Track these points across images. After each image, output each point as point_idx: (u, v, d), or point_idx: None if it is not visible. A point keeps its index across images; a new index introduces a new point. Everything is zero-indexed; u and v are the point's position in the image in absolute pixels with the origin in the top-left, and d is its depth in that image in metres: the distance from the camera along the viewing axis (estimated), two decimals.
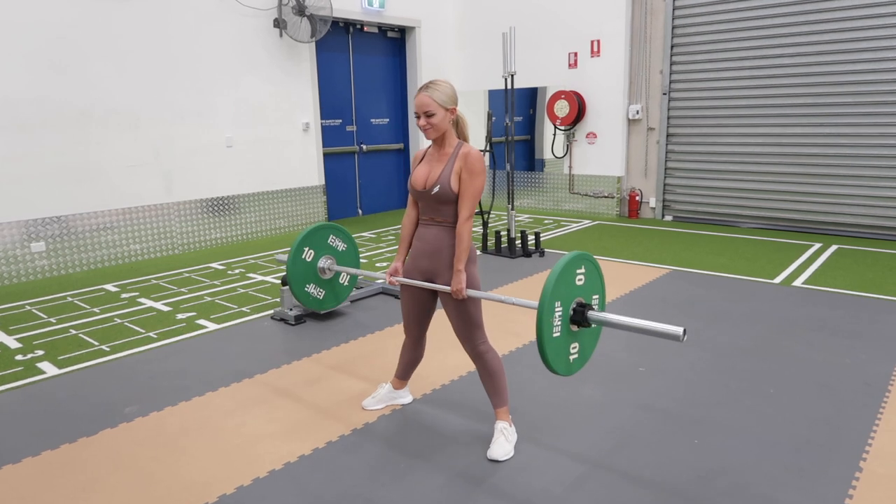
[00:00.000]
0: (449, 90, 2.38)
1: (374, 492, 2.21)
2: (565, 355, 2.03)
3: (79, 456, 2.48)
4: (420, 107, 2.36)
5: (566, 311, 2.00)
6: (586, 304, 2.06)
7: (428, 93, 2.35)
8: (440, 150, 2.45)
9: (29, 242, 5.23)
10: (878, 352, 3.35)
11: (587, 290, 2.10)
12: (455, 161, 2.39)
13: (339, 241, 2.93)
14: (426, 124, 2.37)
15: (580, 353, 2.11)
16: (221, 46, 6.30)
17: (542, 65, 8.01)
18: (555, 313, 1.95)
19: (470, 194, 2.37)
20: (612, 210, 7.81)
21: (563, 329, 2.00)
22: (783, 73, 6.52)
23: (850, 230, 6.41)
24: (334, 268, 2.87)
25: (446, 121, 2.39)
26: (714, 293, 4.47)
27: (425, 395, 2.96)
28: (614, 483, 2.24)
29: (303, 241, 2.78)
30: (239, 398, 2.96)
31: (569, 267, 2.02)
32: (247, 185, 6.72)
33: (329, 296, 2.89)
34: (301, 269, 2.77)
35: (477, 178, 2.37)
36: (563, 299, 1.98)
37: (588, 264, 2.11)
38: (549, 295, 1.93)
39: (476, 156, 2.37)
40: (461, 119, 2.48)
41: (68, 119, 5.34)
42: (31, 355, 3.55)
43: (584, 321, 2.04)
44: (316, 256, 2.83)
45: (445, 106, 2.36)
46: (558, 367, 2.02)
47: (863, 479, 2.22)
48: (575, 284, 2.04)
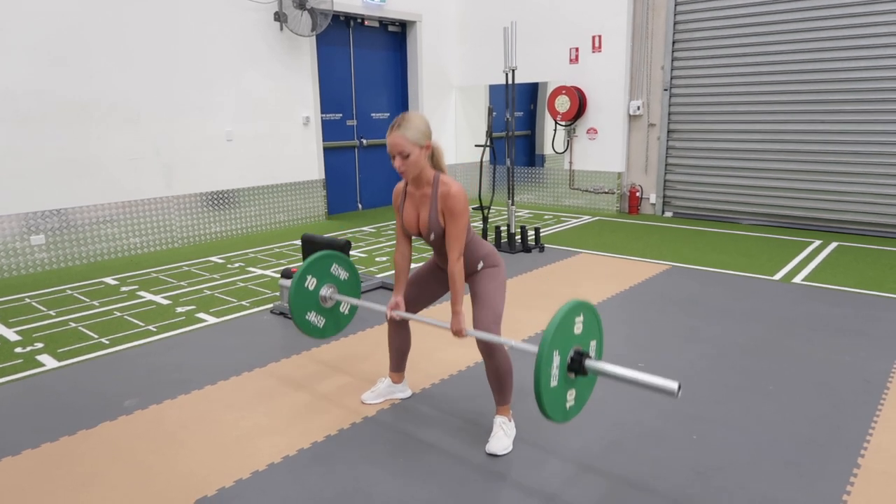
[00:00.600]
0: (422, 126, 2.29)
1: (372, 486, 2.21)
2: (562, 403, 2.06)
3: (78, 448, 2.48)
4: (393, 147, 2.27)
5: (564, 359, 2.02)
6: (584, 353, 2.08)
7: (400, 132, 2.25)
8: (419, 189, 2.39)
9: (29, 235, 5.23)
10: (877, 349, 3.36)
11: (585, 337, 2.14)
12: (437, 201, 2.34)
13: (341, 270, 2.95)
14: (402, 165, 2.29)
15: (577, 399, 2.14)
16: (222, 40, 6.28)
17: (543, 60, 7.99)
18: (553, 363, 1.98)
19: (454, 237, 2.33)
20: (612, 206, 7.81)
21: (561, 377, 2.03)
22: (784, 69, 6.51)
23: (850, 227, 6.41)
24: (335, 297, 2.89)
25: (422, 158, 2.31)
26: (714, 290, 4.47)
27: (424, 389, 2.96)
28: (612, 479, 2.24)
29: (306, 270, 2.80)
30: (238, 392, 2.97)
31: (568, 316, 2.04)
32: (247, 179, 6.72)
33: (329, 324, 2.92)
34: (303, 297, 2.80)
35: (459, 220, 2.31)
36: (560, 348, 2.01)
37: (587, 312, 2.13)
38: (548, 345, 1.95)
39: (455, 195, 2.30)
40: (436, 150, 2.41)
41: (69, 112, 5.33)
42: (31, 348, 3.55)
43: (582, 370, 2.06)
44: (318, 285, 2.86)
45: (419, 143, 2.27)
46: (555, 416, 2.04)
47: (861, 476, 2.23)
48: (573, 333, 2.07)
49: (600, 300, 4.27)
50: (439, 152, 2.42)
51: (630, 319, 3.92)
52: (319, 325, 2.88)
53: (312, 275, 2.83)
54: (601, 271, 5.04)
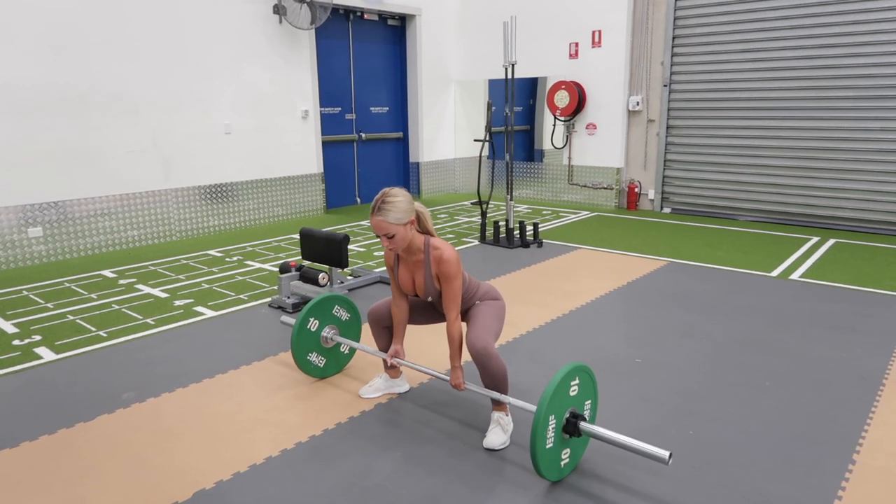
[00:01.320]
0: (402, 205, 2.33)
1: (369, 479, 2.22)
2: (557, 462, 2.14)
3: (76, 441, 2.49)
4: (377, 230, 2.35)
5: (559, 421, 2.10)
6: (578, 415, 2.15)
7: (381, 216, 2.31)
8: (411, 256, 2.47)
9: (26, 227, 5.21)
10: (873, 346, 3.37)
11: (580, 399, 2.21)
12: (431, 267, 2.43)
13: (343, 311, 3.02)
14: (389, 244, 2.37)
15: (570, 458, 2.21)
16: (221, 33, 6.26)
17: (542, 55, 7.97)
18: (549, 426, 2.05)
19: (450, 298, 2.41)
20: (610, 201, 7.81)
21: (556, 439, 2.10)
22: (784, 66, 6.50)
23: (848, 224, 6.42)
24: (336, 338, 2.95)
25: (408, 233, 2.38)
26: (711, 286, 4.48)
27: (422, 383, 2.96)
28: (609, 474, 2.25)
29: (309, 312, 2.85)
30: (236, 385, 2.97)
31: (564, 381, 2.11)
32: (245, 173, 6.70)
33: (330, 364, 3.00)
34: (305, 337, 2.85)
35: (454, 282, 2.39)
36: (556, 412, 2.08)
37: (583, 375, 2.21)
38: (545, 410, 2.02)
39: (448, 259, 2.37)
40: (421, 216, 2.46)
41: (67, 104, 5.31)
42: (29, 340, 3.55)
43: (576, 432, 2.13)
44: (320, 326, 2.91)
45: (402, 223, 2.33)
46: (549, 475, 2.11)
47: (856, 472, 2.24)
48: (568, 395, 2.14)
49: (598, 296, 4.27)
50: (424, 217, 2.48)
51: (628, 315, 3.93)
52: (320, 366, 2.97)
53: (315, 317, 2.89)
54: (599, 267, 5.04)
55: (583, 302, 4.15)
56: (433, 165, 8.85)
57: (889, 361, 3.17)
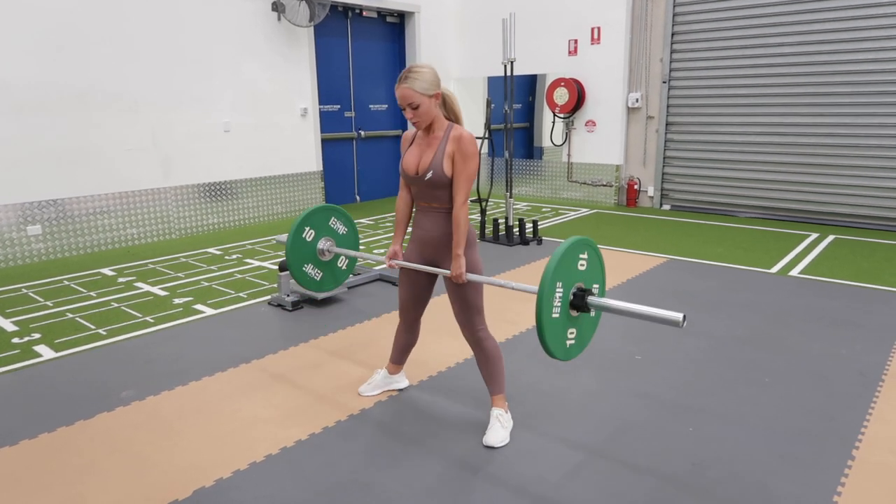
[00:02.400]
0: (429, 75, 2.29)
1: (370, 477, 2.22)
2: (563, 339, 2.02)
3: (76, 439, 2.49)
4: (403, 100, 2.29)
5: (566, 294, 1.99)
6: (586, 290, 2.06)
7: (408, 84, 2.27)
8: (430, 134, 2.40)
9: (25, 226, 5.21)
10: (873, 342, 3.37)
11: (588, 277, 2.10)
12: (447, 144, 2.34)
13: (340, 224, 2.91)
14: (413, 116, 2.31)
15: (577, 339, 2.10)
16: (220, 30, 6.25)
17: (541, 52, 7.96)
18: (555, 294, 1.94)
19: (464, 178, 2.33)
20: (610, 198, 7.81)
21: (563, 312, 1.99)
22: (783, 62, 6.50)
23: (847, 220, 6.42)
24: (333, 249, 2.86)
25: (433, 107, 2.33)
26: (711, 282, 4.48)
27: (421, 381, 2.96)
28: (609, 471, 2.25)
29: (304, 221, 2.76)
30: (236, 383, 2.97)
31: (572, 249, 2.01)
32: (244, 171, 6.70)
33: (327, 278, 2.88)
34: (300, 248, 2.76)
35: (471, 162, 2.33)
36: (564, 281, 1.97)
37: (591, 251, 2.10)
38: (552, 274, 1.92)
39: (468, 138, 2.33)
40: (448, 97, 2.41)
41: (66, 102, 5.30)
42: (28, 338, 3.55)
43: (584, 306, 2.03)
44: (316, 237, 2.82)
45: (428, 93, 2.29)
46: (555, 350, 2.00)
47: (855, 468, 2.24)
48: (577, 269, 2.04)
49: None
50: (451, 99, 2.43)
51: None
52: (316, 278, 2.86)
53: (310, 226, 2.80)
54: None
55: None
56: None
57: (888, 357, 3.17)
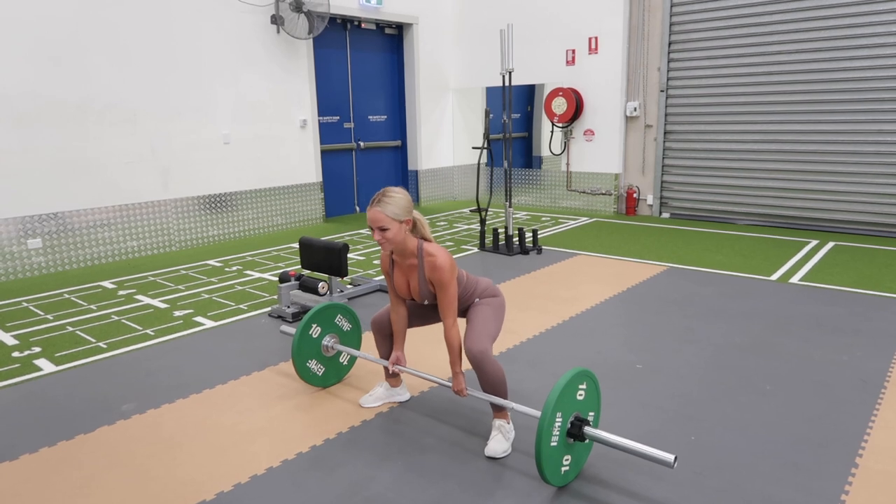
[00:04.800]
0: (402, 202, 2.35)
1: (371, 488, 2.21)
2: (559, 466, 2.12)
3: (76, 453, 2.48)
4: (373, 222, 2.35)
5: (564, 423, 2.10)
6: (583, 419, 2.14)
7: (380, 207, 2.32)
8: (405, 260, 2.47)
9: (25, 239, 5.21)
10: (874, 348, 3.36)
11: (585, 406, 2.20)
12: (424, 270, 2.42)
13: (345, 322, 3.03)
14: (381, 238, 2.36)
15: (572, 465, 2.20)
16: (219, 42, 6.28)
17: (539, 62, 8.00)
18: (555, 424, 2.04)
19: (447, 304, 2.41)
20: (609, 207, 7.82)
21: (560, 440, 2.09)
22: (781, 70, 6.53)
23: (847, 227, 6.43)
24: (337, 346, 2.95)
25: (401, 233, 2.37)
26: (711, 290, 4.48)
27: (422, 392, 2.96)
28: (611, 481, 2.24)
29: (312, 319, 2.86)
30: (237, 396, 2.96)
31: (573, 381, 2.11)
32: (244, 182, 6.71)
33: (329, 373, 3.00)
34: (306, 344, 2.85)
35: (448, 289, 2.39)
36: (563, 411, 2.08)
37: (590, 382, 2.21)
38: (553, 406, 2.02)
39: (441, 266, 2.36)
40: (418, 222, 2.47)
41: (65, 114, 5.33)
42: (28, 352, 3.54)
43: (580, 435, 2.12)
44: (322, 334, 2.91)
45: (398, 219, 2.34)
46: (551, 476, 2.08)
47: (859, 476, 2.23)
48: (576, 399, 2.14)
49: (598, 302, 4.27)
50: (420, 223, 2.48)
51: (628, 321, 3.92)
52: (319, 374, 2.96)
53: (317, 323, 2.89)
54: (599, 273, 5.04)
55: (583, 308, 4.14)
56: (432, 173, 8.86)
57: (890, 364, 3.17)
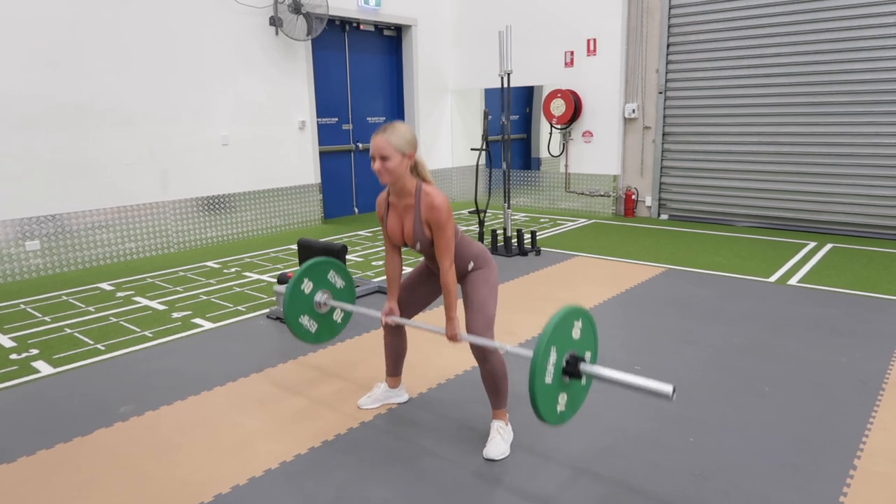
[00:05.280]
0: (407, 134, 2.32)
1: (369, 491, 2.21)
2: (554, 404, 2.07)
3: (74, 455, 2.47)
4: (375, 150, 2.30)
5: (560, 360, 2.04)
6: (579, 357, 2.10)
7: (385, 135, 2.28)
8: (402, 200, 2.42)
9: (23, 241, 5.21)
10: (872, 350, 3.37)
11: (581, 345, 2.15)
12: (420, 211, 2.36)
13: (338, 278, 2.97)
14: (381, 168, 2.31)
15: (568, 405, 2.14)
16: (217, 44, 6.28)
17: (538, 64, 8.01)
18: (549, 359, 1.99)
19: (443, 245, 2.34)
20: (608, 209, 7.83)
21: (555, 377, 2.04)
22: (779, 72, 6.54)
23: (845, 229, 6.44)
24: (330, 302, 2.91)
25: (402, 166, 2.33)
26: (709, 292, 4.48)
27: (421, 393, 2.96)
28: (609, 483, 2.24)
29: (304, 274, 2.82)
30: (235, 397, 2.96)
31: (568, 317, 2.06)
32: (243, 184, 6.71)
33: (323, 330, 2.94)
34: (298, 300, 2.81)
35: (446, 230, 2.33)
36: (558, 346, 2.02)
37: (585, 320, 2.16)
38: (547, 341, 1.96)
39: (438, 207, 2.31)
40: (419, 163, 2.43)
41: (63, 116, 5.32)
42: (26, 354, 3.54)
43: (577, 373, 2.07)
44: (314, 289, 2.87)
45: (403, 151, 2.30)
46: (547, 414, 2.04)
47: (857, 477, 2.23)
48: (571, 336, 2.08)
49: (597, 303, 4.27)
50: (422, 165, 2.44)
51: (626, 322, 3.92)
52: (311, 330, 2.89)
53: (309, 279, 2.84)
54: (597, 274, 5.05)
55: None
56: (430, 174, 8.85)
57: (889, 365, 3.17)
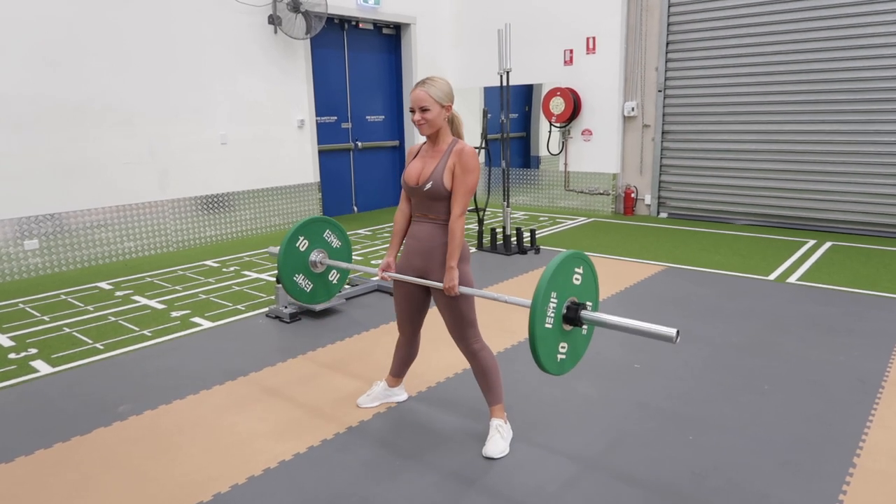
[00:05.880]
0: (445, 87, 2.37)
1: (369, 489, 2.21)
2: (554, 352, 2.01)
3: (73, 455, 2.47)
4: (415, 101, 2.35)
5: (560, 307, 1.99)
6: (580, 304, 2.05)
7: (424, 88, 2.34)
8: (434, 147, 2.44)
9: (22, 240, 5.20)
10: (871, 348, 3.37)
11: (582, 292, 2.10)
12: (449, 157, 2.38)
13: (334, 238, 2.92)
14: (421, 119, 2.36)
15: (569, 353, 2.09)
16: (216, 43, 6.27)
17: (537, 62, 8.00)
18: (549, 304, 1.93)
19: (463, 191, 2.36)
20: (607, 207, 7.82)
21: (556, 324, 1.98)
22: (778, 70, 6.54)
23: (844, 227, 6.44)
24: (326, 262, 2.86)
25: (441, 117, 2.37)
26: (709, 290, 4.48)
27: (420, 392, 2.95)
28: (609, 481, 2.24)
29: (298, 230, 2.77)
30: (234, 396, 2.96)
31: (568, 261, 2.01)
32: (242, 183, 6.70)
33: (318, 290, 2.87)
34: (293, 257, 2.76)
35: (471, 175, 2.36)
36: (558, 293, 1.97)
37: (586, 266, 2.11)
38: (547, 283, 1.92)
39: (470, 152, 2.37)
40: (456, 117, 2.47)
41: (63, 115, 5.31)
42: (25, 354, 3.53)
43: (577, 320, 2.03)
44: (309, 248, 2.82)
45: (441, 102, 2.35)
46: (547, 362, 1.99)
47: (856, 476, 2.23)
48: (571, 283, 2.03)
49: None
50: (459, 120, 2.49)
51: None
52: (307, 290, 2.85)
53: (304, 236, 2.80)
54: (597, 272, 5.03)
55: None
56: None
57: (888, 363, 3.17)
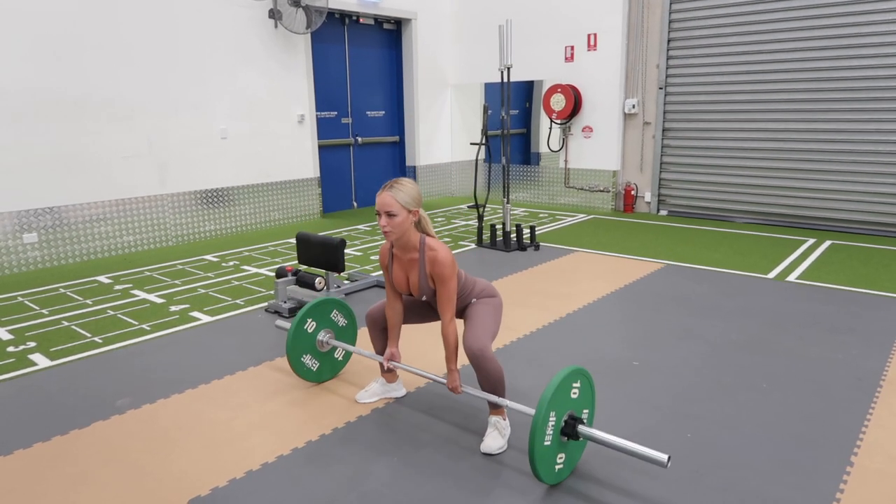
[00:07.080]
0: (413, 192, 2.36)
1: (366, 485, 2.21)
2: (552, 464, 2.13)
3: (71, 448, 2.47)
4: (381, 206, 2.34)
5: (558, 422, 2.10)
6: (577, 418, 2.14)
7: (391, 192, 2.33)
8: (406, 254, 2.46)
9: (21, 233, 5.19)
10: (870, 347, 3.37)
11: (579, 404, 2.20)
12: (426, 265, 2.41)
13: (340, 317, 3.02)
14: (386, 224, 2.35)
15: (566, 463, 2.20)
16: (216, 38, 6.25)
17: (538, 58, 7.98)
18: (549, 423, 2.04)
19: (445, 299, 2.40)
20: (607, 204, 7.82)
21: (554, 439, 2.09)
22: (779, 68, 6.53)
23: (844, 226, 6.43)
24: (332, 342, 2.94)
25: (407, 222, 2.37)
26: (708, 288, 4.48)
27: (419, 388, 2.95)
28: (607, 478, 2.24)
29: (307, 313, 2.84)
30: (232, 391, 2.96)
31: (567, 380, 2.11)
32: (241, 177, 6.69)
33: (324, 368, 2.99)
34: (301, 339, 2.84)
35: (448, 284, 2.38)
36: (557, 410, 2.08)
37: (584, 380, 2.21)
38: (547, 405, 2.02)
39: (442, 261, 2.35)
40: (423, 218, 2.46)
41: (62, 109, 5.30)
42: (23, 347, 3.53)
43: (574, 434, 2.12)
44: (317, 329, 2.90)
45: (408, 207, 2.34)
46: (545, 475, 2.08)
47: (854, 474, 2.23)
48: (570, 397, 2.14)
49: (595, 299, 4.27)
50: (426, 220, 2.48)
51: (625, 318, 3.92)
52: (313, 369, 2.96)
53: (313, 318, 2.88)
54: (596, 270, 5.04)
55: (580, 305, 4.14)
56: (430, 169, 8.85)
57: (886, 362, 3.17)
